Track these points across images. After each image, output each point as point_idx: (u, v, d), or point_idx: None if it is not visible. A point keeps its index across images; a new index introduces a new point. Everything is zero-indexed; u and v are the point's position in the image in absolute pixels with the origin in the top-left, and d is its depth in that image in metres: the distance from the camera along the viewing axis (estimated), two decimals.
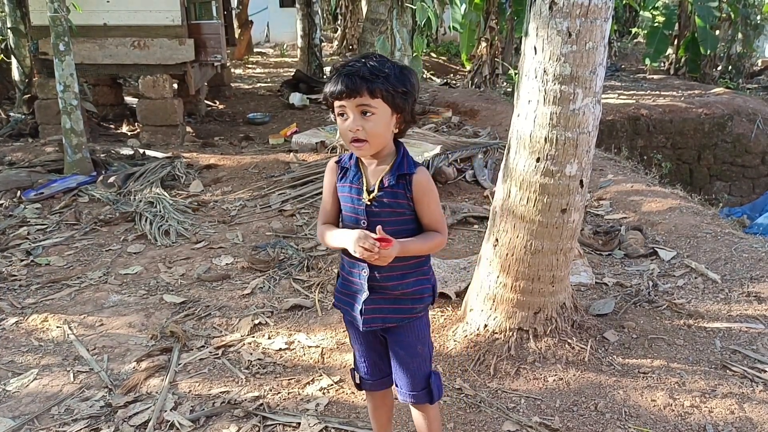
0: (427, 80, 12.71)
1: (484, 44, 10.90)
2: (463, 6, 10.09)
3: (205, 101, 9.76)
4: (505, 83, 11.69)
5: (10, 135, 7.61)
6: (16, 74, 8.69)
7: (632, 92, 11.66)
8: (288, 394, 2.74)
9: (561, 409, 2.58)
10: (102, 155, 6.39)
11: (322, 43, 13.21)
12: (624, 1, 13.99)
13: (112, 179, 5.66)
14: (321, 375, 2.87)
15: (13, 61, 8.59)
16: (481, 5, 10.53)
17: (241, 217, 5.02)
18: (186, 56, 7.36)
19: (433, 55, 16.08)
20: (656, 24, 13.42)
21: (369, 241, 1.70)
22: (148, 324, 3.39)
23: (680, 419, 2.50)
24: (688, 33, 13.13)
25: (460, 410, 2.59)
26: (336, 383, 2.80)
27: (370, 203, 1.82)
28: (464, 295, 3.26)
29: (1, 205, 5.30)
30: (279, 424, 2.54)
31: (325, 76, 12.17)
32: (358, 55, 1.84)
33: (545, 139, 2.59)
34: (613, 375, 2.77)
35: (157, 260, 4.23)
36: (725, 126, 9.77)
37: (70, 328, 3.36)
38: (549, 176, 2.64)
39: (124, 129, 8.24)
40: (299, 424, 2.51)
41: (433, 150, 5.62)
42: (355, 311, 1.91)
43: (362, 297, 1.88)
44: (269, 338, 3.22)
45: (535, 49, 2.56)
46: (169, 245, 4.49)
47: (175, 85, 7.86)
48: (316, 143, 6.64)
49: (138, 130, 7.79)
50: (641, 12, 15.92)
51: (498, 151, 6.09)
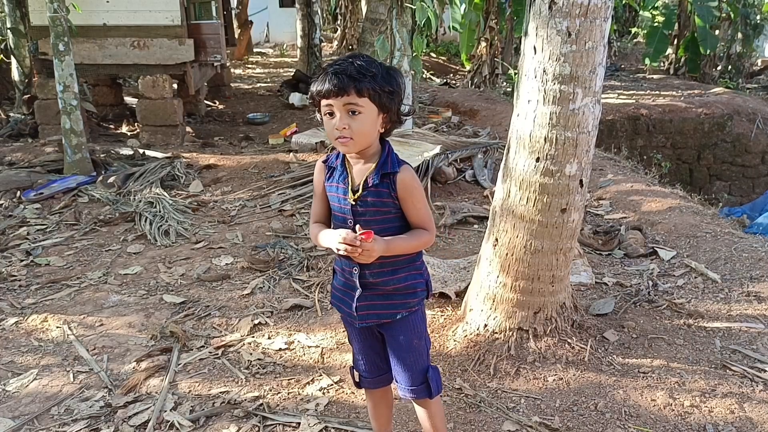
0: (427, 80, 12.71)
1: (483, 44, 10.91)
2: (463, 6, 10.10)
3: (205, 101, 9.76)
4: (504, 83, 11.70)
5: (9, 135, 7.61)
6: (15, 74, 8.69)
7: (632, 92, 11.67)
8: (288, 394, 2.74)
9: (561, 408, 2.58)
10: (102, 155, 6.39)
11: (322, 43, 13.20)
12: (624, 1, 13.99)
13: (111, 179, 5.65)
14: (321, 375, 2.87)
15: (13, 61, 8.59)
16: (481, 5, 10.54)
17: (240, 217, 5.02)
18: (186, 56, 7.35)
19: (433, 55, 16.09)
20: (656, 24, 13.42)
21: (349, 237, 1.72)
22: (148, 324, 3.39)
23: (680, 419, 2.49)
24: (688, 33, 13.14)
25: (460, 410, 2.59)
26: (336, 383, 2.80)
27: (355, 203, 1.83)
28: (464, 295, 3.26)
29: (0, 205, 5.30)
30: (279, 424, 2.54)
31: None
32: (345, 55, 1.86)
33: (545, 138, 2.59)
34: (613, 375, 2.77)
35: (157, 260, 4.23)
36: (725, 126, 9.77)
37: (69, 328, 3.36)
38: (549, 176, 2.63)
39: (124, 129, 8.23)
40: (299, 424, 2.51)
41: (432, 150, 5.62)
42: (348, 308, 1.94)
43: (356, 294, 1.91)
44: (269, 338, 3.22)
45: (534, 48, 2.56)
46: (169, 245, 4.49)
47: (175, 85, 7.86)
48: (316, 143, 6.64)
49: (138, 131, 7.79)
50: (641, 12, 15.92)
51: (498, 150, 6.09)
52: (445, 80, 12.89)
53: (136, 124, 7.94)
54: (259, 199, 5.38)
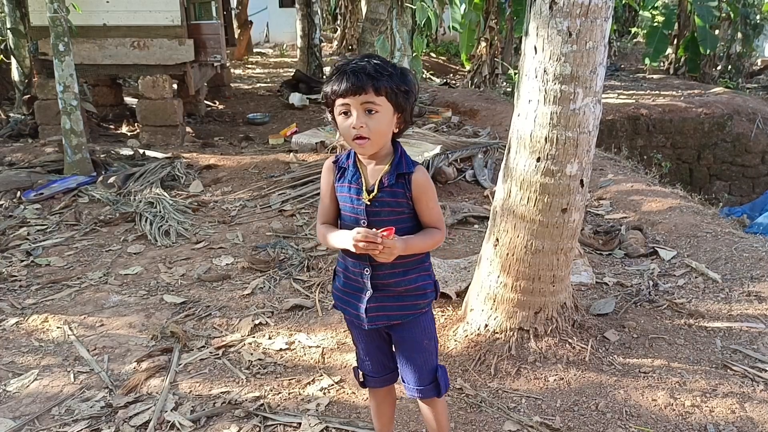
0: (427, 80, 12.71)
1: (483, 44, 10.91)
2: (463, 6, 10.10)
3: (205, 101, 9.76)
4: (504, 83, 11.70)
5: (9, 135, 7.61)
6: (15, 75, 8.69)
7: (632, 92, 11.67)
8: (289, 394, 2.74)
9: (562, 408, 2.58)
10: (102, 156, 6.39)
11: (322, 43, 13.20)
12: (624, 1, 14.00)
13: (112, 180, 5.65)
14: (321, 375, 2.87)
15: (13, 61, 8.59)
16: (481, 5, 10.54)
17: (241, 217, 5.02)
18: (186, 56, 7.35)
19: (433, 55, 16.09)
20: (656, 24, 13.42)
21: (370, 234, 1.71)
22: (149, 324, 3.39)
23: (681, 419, 2.49)
24: (688, 33, 13.14)
25: (460, 410, 2.59)
26: (337, 383, 2.79)
27: (370, 203, 1.82)
28: (465, 295, 3.26)
29: (1, 205, 5.30)
30: (280, 424, 2.54)
31: (324, 76, 12.16)
32: (358, 55, 1.85)
33: (545, 138, 2.59)
34: (613, 375, 2.77)
35: (158, 260, 4.23)
36: (725, 125, 9.77)
37: (70, 328, 3.35)
38: (549, 176, 2.63)
39: (124, 129, 8.23)
40: (300, 424, 2.51)
41: (433, 150, 5.62)
42: (359, 310, 1.92)
43: (366, 296, 1.89)
44: (270, 338, 3.22)
45: (535, 48, 2.56)
46: (169, 245, 4.48)
47: (175, 86, 7.86)
48: (316, 143, 6.64)
49: (138, 131, 7.79)
50: (641, 12, 15.92)
51: (498, 150, 6.09)
52: (445, 80, 12.89)
53: (136, 124, 7.94)
54: (260, 199, 5.38)
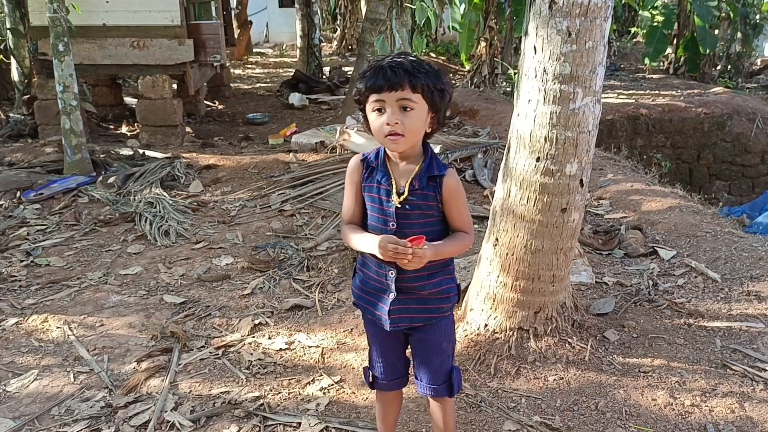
0: None
1: (483, 44, 10.91)
2: (463, 6, 10.09)
3: (205, 101, 9.76)
4: (504, 83, 11.69)
5: (9, 136, 7.61)
6: (15, 75, 8.69)
7: (632, 92, 11.66)
8: (288, 394, 2.74)
9: (561, 408, 2.58)
10: (101, 156, 6.39)
11: (322, 43, 13.21)
12: (623, 1, 13.99)
13: (111, 180, 5.65)
14: (321, 375, 2.87)
15: (13, 61, 8.60)
16: (481, 5, 10.53)
17: (240, 217, 5.02)
18: (185, 56, 7.36)
19: (433, 55, 16.08)
20: (655, 23, 13.42)
21: (399, 245, 1.67)
22: (149, 324, 3.39)
23: (681, 418, 2.50)
24: (688, 32, 13.13)
25: (460, 410, 2.59)
26: (336, 383, 2.80)
27: (400, 205, 1.79)
28: (464, 295, 3.26)
29: (0, 205, 5.30)
30: (279, 424, 2.54)
31: (324, 76, 12.18)
32: (393, 53, 1.81)
33: (545, 138, 2.59)
34: (613, 374, 2.77)
35: (157, 260, 4.23)
36: (725, 125, 9.77)
37: (70, 328, 3.35)
38: (549, 176, 2.64)
39: (124, 129, 8.24)
40: (300, 424, 2.51)
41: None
42: (380, 311, 1.89)
43: (389, 298, 1.87)
44: (269, 338, 3.22)
45: (534, 48, 2.56)
46: (169, 245, 4.48)
47: (175, 86, 7.86)
48: (316, 143, 6.64)
49: (137, 131, 7.79)
50: (640, 11, 15.92)
51: (498, 150, 6.09)
52: None
53: (135, 124, 7.94)
54: (259, 199, 5.38)
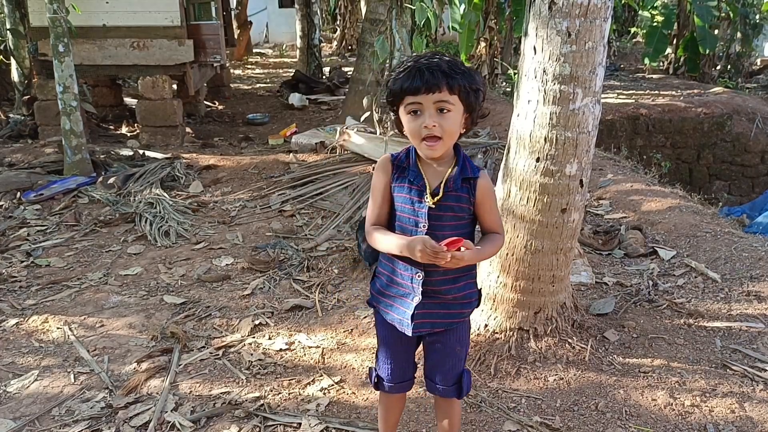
0: None
1: (483, 44, 10.91)
2: (462, 6, 10.08)
3: (205, 102, 9.76)
4: (504, 83, 11.69)
5: (9, 136, 7.61)
6: (15, 75, 8.69)
7: (631, 92, 11.65)
8: (289, 394, 2.74)
9: (561, 408, 2.58)
10: (101, 156, 6.39)
11: (321, 44, 13.21)
12: (623, 1, 13.99)
13: (111, 180, 5.65)
14: (321, 375, 2.87)
15: (13, 62, 8.59)
16: (480, 5, 10.53)
17: (240, 217, 5.02)
18: (185, 57, 7.36)
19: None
20: (655, 23, 13.41)
21: (436, 248, 1.65)
22: (149, 325, 3.39)
23: (681, 418, 2.50)
24: (687, 32, 13.12)
25: (461, 410, 2.59)
26: (337, 383, 2.80)
27: (435, 206, 1.77)
28: None
29: (0, 206, 5.30)
30: (280, 424, 2.54)
31: (324, 77, 12.18)
32: (427, 52, 1.77)
33: (545, 138, 2.59)
34: (613, 374, 2.77)
35: (157, 261, 4.23)
36: (724, 125, 9.77)
37: (70, 329, 3.36)
38: (549, 176, 2.64)
39: (124, 130, 8.24)
40: (300, 424, 2.52)
41: None
42: (402, 315, 1.87)
43: (413, 302, 1.84)
44: (270, 339, 3.22)
45: (534, 49, 2.56)
46: (169, 246, 4.49)
47: (175, 86, 7.86)
48: (316, 144, 6.64)
49: (137, 131, 7.79)
50: (640, 12, 15.92)
51: (498, 150, 6.08)
52: None
53: (135, 124, 7.94)
54: (259, 199, 5.38)
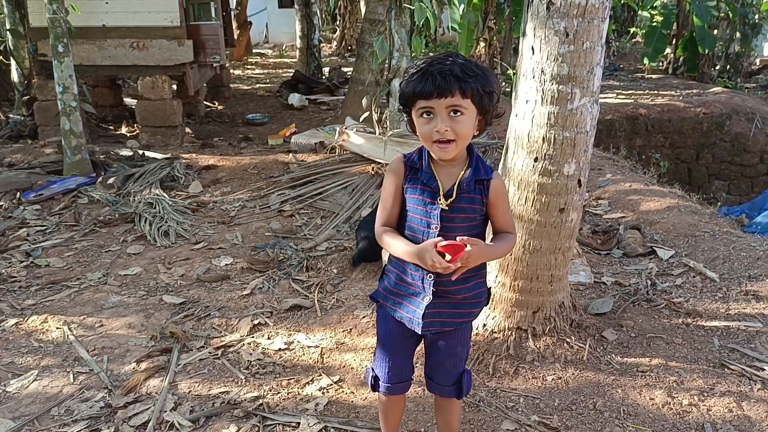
0: None
1: (482, 44, 10.93)
2: (462, 6, 10.09)
3: (204, 102, 9.76)
4: (503, 83, 11.69)
5: (9, 136, 7.62)
6: (15, 76, 8.69)
7: (631, 92, 11.65)
8: (287, 394, 2.75)
9: (560, 407, 2.59)
10: (101, 156, 6.39)
11: (321, 44, 13.21)
12: (622, 1, 14.00)
13: (111, 180, 5.66)
14: (320, 375, 2.87)
15: (12, 62, 8.59)
16: (480, 5, 10.54)
17: (240, 217, 5.03)
18: (185, 57, 7.36)
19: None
20: (654, 23, 13.41)
21: (443, 264, 1.67)
22: (148, 325, 3.39)
23: (679, 418, 2.50)
24: (687, 32, 13.13)
25: (461, 410, 2.59)
26: (335, 383, 2.80)
27: (448, 208, 1.77)
28: None
29: (0, 206, 5.31)
30: (279, 424, 2.54)
31: (324, 77, 12.19)
32: (441, 54, 1.77)
33: (543, 138, 2.60)
34: (611, 374, 2.78)
35: (157, 261, 4.24)
36: (723, 125, 9.77)
37: (69, 329, 3.36)
38: (547, 176, 2.64)
39: (123, 130, 8.24)
40: (299, 423, 2.52)
41: None
42: (411, 314, 1.88)
43: (423, 302, 1.85)
44: (269, 338, 3.23)
45: (532, 49, 2.57)
46: (169, 246, 4.49)
47: (174, 86, 7.86)
48: (315, 144, 6.65)
49: (137, 131, 7.79)
50: (639, 12, 15.92)
51: (496, 150, 6.10)
52: None
53: (135, 125, 7.94)
54: (259, 199, 5.38)
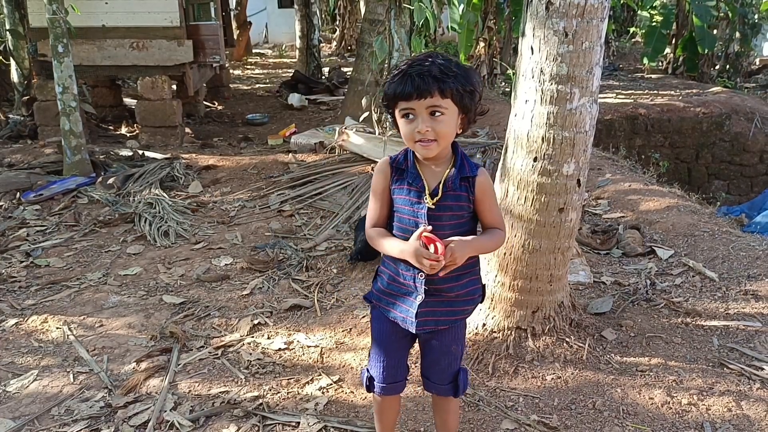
0: None
1: (482, 44, 10.92)
2: (461, 6, 10.08)
3: (204, 102, 9.77)
4: (503, 83, 11.70)
5: (9, 137, 7.62)
6: (15, 76, 8.69)
7: (630, 91, 11.66)
8: (287, 393, 2.75)
9: (559, 407, 2.59)
10: (101, 156, 6.40)
11: (321, 44, 13.21)
12: (622, 1, 14.00)
13: (111, 180, 5.66)
14: (320, 374, 2.88)
15: (12, 63, 8.60)
16: (479, 5, 10.54)
17: (240, 217, 5.03)
18: (185, 57, 7.36)
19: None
20: (654, 23, 13.42)
21: (431, 260, 1.68)
22: (148, 325, 3.40)
23: (678, 417, 2.51)
24: (686, 32, 13.13)
25: (459, 408, 2.59)
26: (335, 383, 2.80)
27: (434, 206, 1.78)
28: None
29: (0, 206, 5.31)
30: (278, 423, 2.55)
31: (323, 77, 12.19)
32: (421, 54, 1.79)
33: (542, 138, 2.60)
34: (611, 373, 2.78)
35: (157, 261, 4.24)
36: (723, 125, 9.77)
37: (69, 329, 3.36)
38: (546, 175, 2.65)
39: (123, 130, 8.24)
40: (299, 423, 2.52)
41: None
42: (404, 313, 1.88)
43: (416, 300, 1.85)
44: (268, 338, 3.23)
45: (531, 49, 2.57)
46: (169, 246, 4.49)
47: (174, 86, 7.87)
48: (315, 144, 6.65)
49: (137, 132, 7.80)
50: (639, 11, 15.92)
51: (496, 150, 6.10)
52: None
53: (135, 125, 7.95)
54: (259, 199, 5.39)
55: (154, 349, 3.13)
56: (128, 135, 8.02)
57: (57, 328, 3.38)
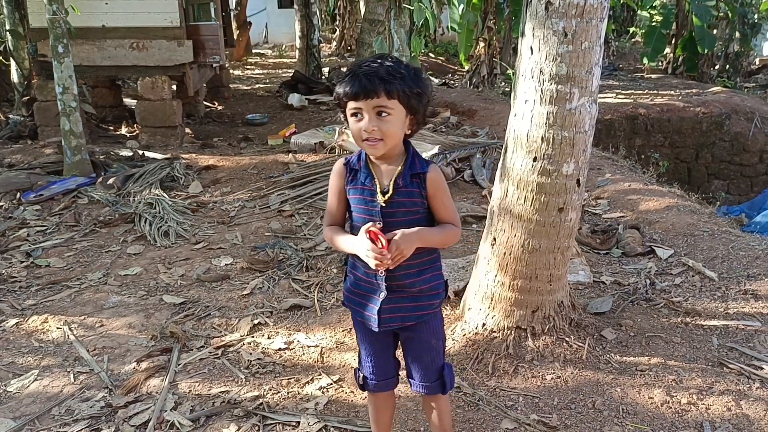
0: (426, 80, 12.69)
1: (482, 44, 10.93)
2: (461, 6, 10.10)
3: (204, 102, 9.76)
4: (503, 83, 11.70)
5: (9, 137, 7.62)
6: (15, 76, 8.69)
7: (630, 91, 11.66)
8: (287, 393, 2.75)
9: (559, 406, 2.60)
10: (101, 157, 6.40)
11: (321, 44, 13.21)
12: (621, 1, 14.01)
13: (111, 181, 5.67)
14: (320, 374, 2.88)
15: (12, 63, 8.60)
16: (479, 5, 10.55)
17: (240, 217, 5.04)
18: (185, 57, 7.36)
19: (432, 55, 16.11)
20: (654, 23, 13.44)
21: (379, 255, 1.72)
22: (148, 324, 3.40)
23: (677, 416, 2.51)
24: (686, 32, 13.14)
25: (458, 408, 2.60)
26: (335, 382, 2.81)
27: (386, 204, 1.82)
28: (463, 294, 3.27)
29: (0, 207, 5.31)
30: (279, 423, 2.55)
31: (323, 77, 12.20)
32: (372, 56, 1.84)
33: (542, 138, 2.61)
34: (610, 373, 2.78)
35: (157, 261, 4.24)
36: (723, 125, 9.78)
37: (70, 329, 3.37)
38: (546, 175, 2.65)
39: (123, 130, 8.24)
40: (299, 423, 2.53)
41: (431, 150, 5.64)
42: (370, 311, 1.91)
43: (379, 297, 1.88)
44: (269, 338, 3.24)
45: (531, 49, 2.57)
46: (169, 246, 4.50)
47: (174, 87, 7.86)
48: (315, 144, 6.66)
49: (137, 132, 7.80)
50: (639, 11, 15.94)
51: (496, 150, 6.10)
52: (443, 80, 12.90)
53: (135, 125, 7.95)
54: (259, 199, 5.39)
55: (155, 349, 3.13)
56: (128, 135, 8.02)
57: (57, 328, 3.38)
